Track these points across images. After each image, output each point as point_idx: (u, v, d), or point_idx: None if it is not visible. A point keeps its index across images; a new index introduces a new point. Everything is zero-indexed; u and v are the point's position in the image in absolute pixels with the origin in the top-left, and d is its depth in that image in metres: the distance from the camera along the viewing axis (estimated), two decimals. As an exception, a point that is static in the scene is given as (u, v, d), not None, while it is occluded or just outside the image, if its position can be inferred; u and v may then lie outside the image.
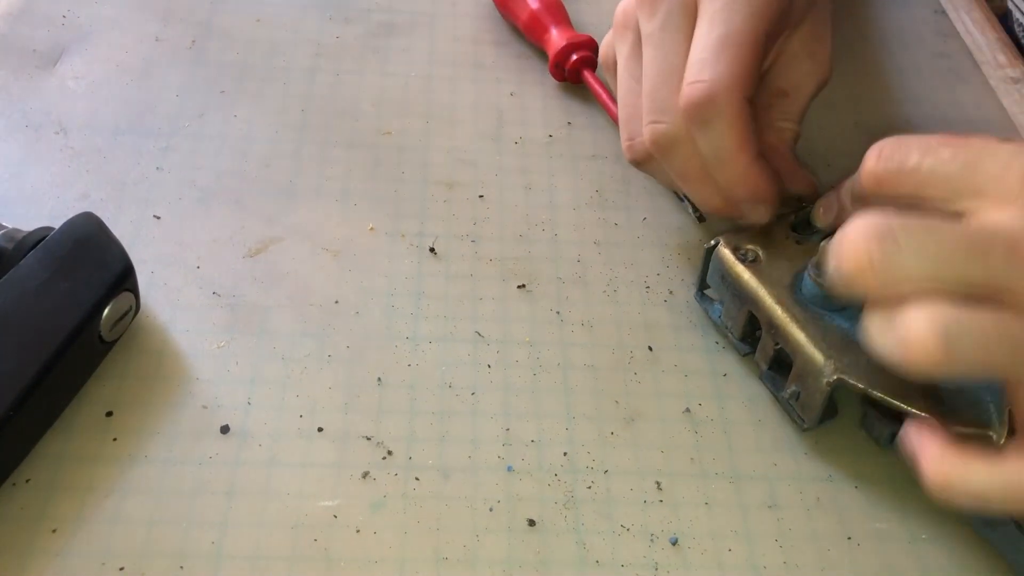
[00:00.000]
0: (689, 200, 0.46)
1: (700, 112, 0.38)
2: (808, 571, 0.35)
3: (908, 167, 0.35)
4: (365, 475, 0.36)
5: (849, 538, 0.36)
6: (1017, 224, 0.32)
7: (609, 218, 0.47)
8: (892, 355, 0.31)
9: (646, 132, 0.40)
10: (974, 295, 0.31)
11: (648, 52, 0.40)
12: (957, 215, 0.33)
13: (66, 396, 0.37)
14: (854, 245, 0.32)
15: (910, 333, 0.30)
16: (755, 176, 0.39)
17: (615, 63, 0.44)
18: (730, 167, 0.39)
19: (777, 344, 0.38)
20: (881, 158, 0.36)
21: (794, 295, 0.38)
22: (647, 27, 0.40)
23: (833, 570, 0.35)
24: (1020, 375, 0.31)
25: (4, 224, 0.38)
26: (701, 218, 0.46)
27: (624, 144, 0.43)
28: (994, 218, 0.32)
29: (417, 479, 0.36)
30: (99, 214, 0.39)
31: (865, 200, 0.38)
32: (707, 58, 0.38)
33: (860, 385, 0.35)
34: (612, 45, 0.44)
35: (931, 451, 0.33)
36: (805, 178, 0.42)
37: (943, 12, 0.61)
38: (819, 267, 0.37)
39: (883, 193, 0.36)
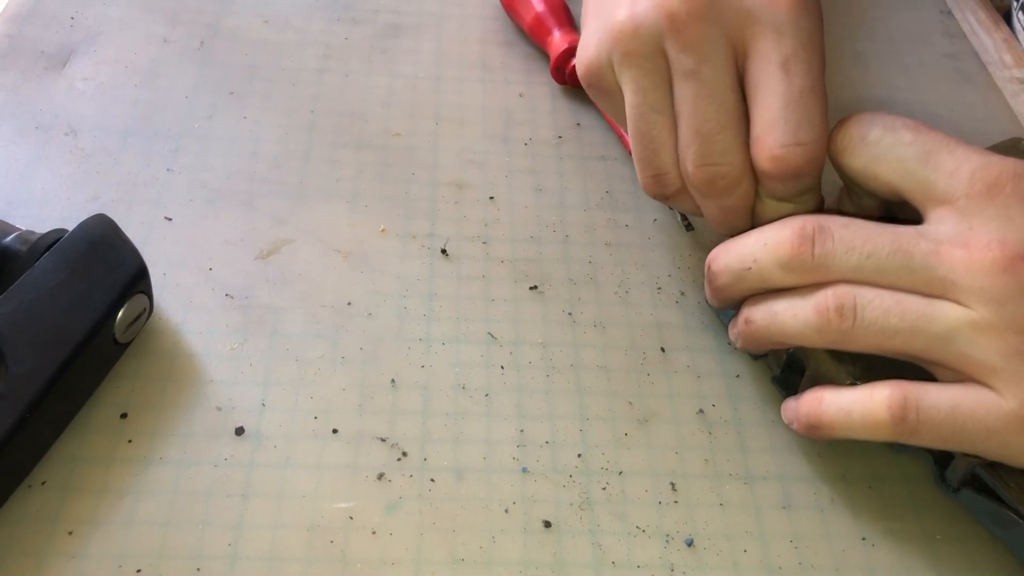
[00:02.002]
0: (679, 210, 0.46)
1: (798, 173, 0.37)
2: (823, 571, 0.35)
3: (868, 139, 0.37)
4: (380, 476, 0.36)
5: (864, 538, 0.36)
6: (947, 227, 0.34)
7: (620, 219, 0.47)
8: (801, 325, 0.35)
9: (702, 173, 0.37)
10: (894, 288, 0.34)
11: (691, 89, 0.37)
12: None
13: (81, 398, 0.37)
14: (797, 232, 0.35)
15: (823, 300, 0.34)
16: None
17: (610, 86, 0.40)
18: (807, 210, 0.39)
19: (789, 348, 0.38)
20: (845, 126, 0.37)
21: None
22: (685, 61, 0.37)
23: (848, 570, 0.35)
24: (918, 354, 0.34)
25: (17, 226, 0.38)
26: (690, 227, 0.46)
27: (648, 178, 0.40)
28: (930, 216, 0.35)
29: (432, 480, 0.36)
30: (110, 216, 0.39)
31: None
32: (798, 118, 0.36)
33: None
34: (606, 62, 0.39)
35: (809, 392, 0.37)
36: None
37: (949, 13, 0.61)
38: None
39: (842, 163, 0.38)
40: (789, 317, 0.36)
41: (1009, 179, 0.34)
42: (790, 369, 0.39)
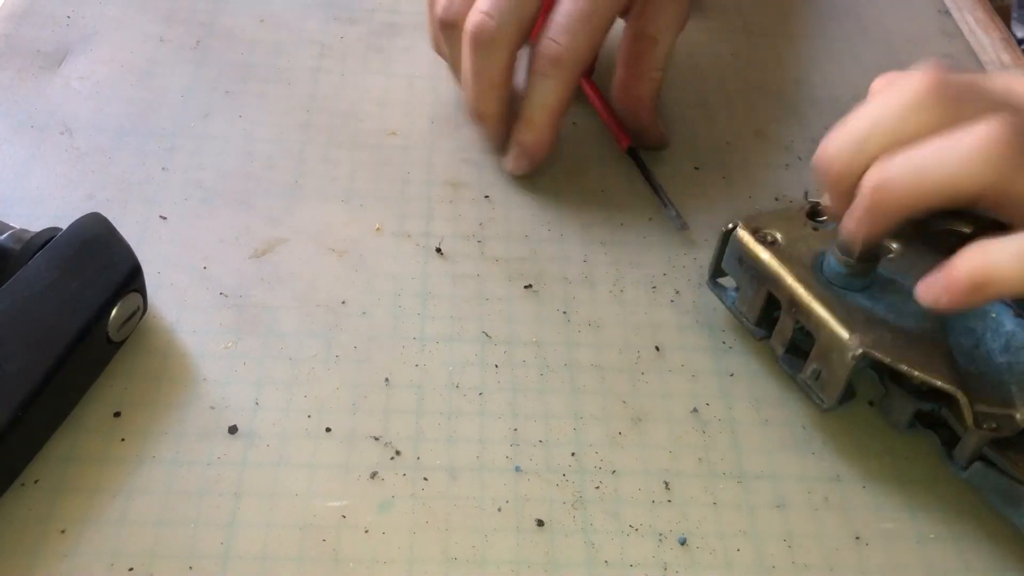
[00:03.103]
0: (674, 207, 0.46)
1: (552, 60, 0.44)
2: (816, 571, 0.35)
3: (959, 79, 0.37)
4: (373, 475, 0.36)
5: (857, 538, 0.36)
6: None
7: (614, 218, 0.47)
8: (963, 160, 0.33)
9: (473, 19, 0.44)
10: None
11: None
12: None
13: (74, 397, 0.37)
14: (918, 78, 0.36)
15: (981, 130, 0.33)
16: (553, 130, 0.46)
17: None
18: (545, 114, 0.45)
19: (797, 324, 0.38)
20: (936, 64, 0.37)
21: (815, 275, 0.38)
22: None
23: (841, 570, 0.35)
24: None
25: (11, 225, 0.38)
26: (684, 226, 0.46)
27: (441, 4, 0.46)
28: None
29: (425, 479, 0.36)
30: (105, 215, 0.39)
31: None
32: (567, 25, 0.43)
33: (887, 359, 0.35)
34: None
35: (963, 251, 0.33)
36: (658, 132, 0.49)
37: (947, 12, 0.61)
38: (844, 246, 0.37)
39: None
40: (942, 157, 0.34)
41: None
42: (794, 349, 0.39)
